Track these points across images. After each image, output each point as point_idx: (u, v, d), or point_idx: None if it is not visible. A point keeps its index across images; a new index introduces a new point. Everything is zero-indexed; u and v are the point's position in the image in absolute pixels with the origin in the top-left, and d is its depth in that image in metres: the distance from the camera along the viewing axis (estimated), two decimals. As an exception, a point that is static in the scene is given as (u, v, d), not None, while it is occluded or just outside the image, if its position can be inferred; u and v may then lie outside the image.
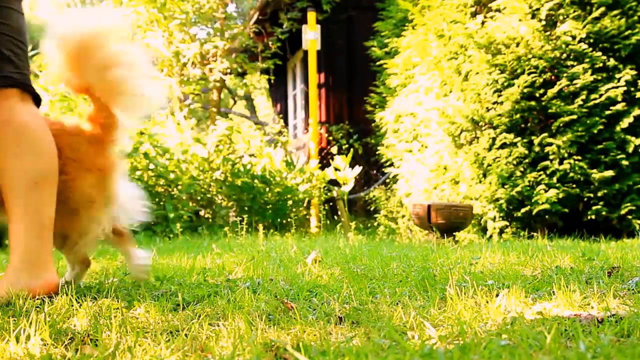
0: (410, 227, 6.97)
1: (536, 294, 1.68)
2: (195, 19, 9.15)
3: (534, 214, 5.05)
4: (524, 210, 5.11)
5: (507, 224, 5.34)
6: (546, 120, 5.21)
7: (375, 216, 7.82)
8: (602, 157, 4.99)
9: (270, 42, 9.75)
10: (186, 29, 8.93)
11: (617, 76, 5.01)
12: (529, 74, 5.15)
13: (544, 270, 2.14)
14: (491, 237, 5.42)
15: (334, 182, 8.06)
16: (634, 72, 5.00)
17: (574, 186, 4.99)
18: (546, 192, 4.99)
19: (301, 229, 6.89)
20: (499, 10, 5.58)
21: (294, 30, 9.68)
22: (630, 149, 4.93)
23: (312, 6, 8.89)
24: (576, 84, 5.02)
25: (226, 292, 1.74)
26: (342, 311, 1.49)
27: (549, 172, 5.04)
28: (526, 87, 5.13)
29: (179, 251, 3.26)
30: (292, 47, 10.63)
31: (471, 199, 5.50)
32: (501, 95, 5.26)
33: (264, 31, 10.11)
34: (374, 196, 7.92)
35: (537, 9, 5.26)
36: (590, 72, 5.03)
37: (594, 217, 5.00)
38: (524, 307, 1.49)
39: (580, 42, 5.10)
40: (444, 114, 5.77)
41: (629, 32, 5.01)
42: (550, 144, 5.05)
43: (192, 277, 2.11)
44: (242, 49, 9.66)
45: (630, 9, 5.10)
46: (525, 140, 5.17)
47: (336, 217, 8.16)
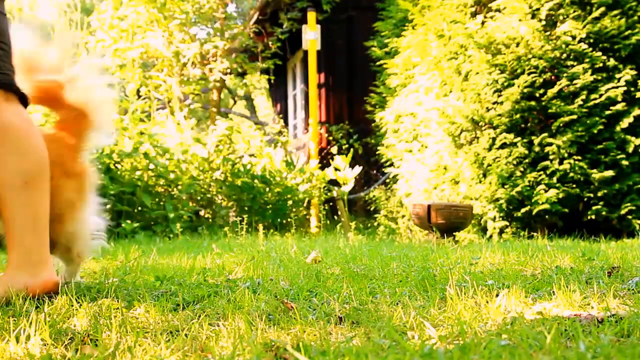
0: (410, 227, 6.97)
1: (536, 294, 1.68)
2: (195, 19, 9.15)
3: (534, 214, 5.05)
4: (524, 210, 5.11)
5: (507, 224, 5.34)
6: (546, 120, 5.21)
7: (375, 216, 7.82)
8: (602, 157, 4.99)
9: (270, 42, 9.75)
10: (186, 29, 8.94)
11: (617, 76, 5.01)
12: (529, 74, 5.15)
13: (544, 270, 2.14)
14: (491, 237, 5.42)
15: (334, 182, 8.06)
16: (634, 72, 5.00)
17: (574, 186, 4.99)
18: (546, 192, 4.99)
19: (301, 229, 6.89)
20: (499, 10, 5.58)
21: (294, 30, 9.68)
22: (630, 149, 4.93)
23: (312, 6, 8.90)
24: (576, 84, 5.02)
25: (226, 292, 1.74)
26: (342, 311, 1.49)
27: (549, 172, 5.04)
28: (526, 87, 5.13)
29: (179, 251, 3.25)
30: (292, 47, 10.63)
31: (471, 199, 5.50)
32: (501, 95, 5.26)
33: (264, 31, 10.11)
34: (374, 196, 7.92)
35: (537, 9, 5.26)
36: (590, 72, 5.03)
37: (594, 217, 5.00)
38: (524, 307, 1.49)
39: (580, 42, 5.10)
40: (444, 114, 5.77)
41: (629, 32, 5.01)
42: (550, 144, 5.05)
43: (192, 277, 2.11)
44: (242, 49, 9.67)
45: (630, 9, 5.10)
46: (525, 140, 5.17)
47: (336, 217, 8.16)
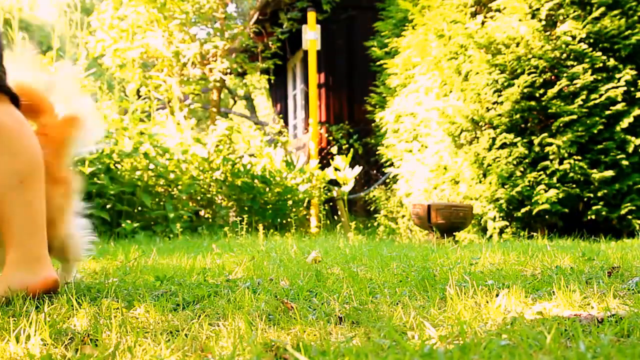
0: (410, 227, 6.97)
1: (536, 294, 1.68)
2: (195, 19, 9.16)
3: (534, 214, 5.05)
4: (524, 210, 5.11)
5: (507, 224, 5.34)
6: (546, 120, 5.21)
7: (375, 216, 7.83)
8: (602, 157, 4.99)
9: (270, 42, 9.76)
10: (186, 29, 8.94)
11: (617, 76, 5.01)
12: (529, 74, 5.15)
13: (544, 270, 2.14)
14: (491, 237, 5.42)
15: (334, 182, 8.06)
16: (634, 72, 5.00)
17: (574, 186, 4.99)
18: (546, 192, 4.99)
19: (301, 229, 6.89)
20: (499, 10, 5.59)
21: (294, 30, 9.69)
22: (630, 149, 4.93)
23: (312, 6, 8.90)
24: (576, 84, 5.02)
25: (226, 292, 1.74)
26: (342, 311, 1.49)
27: (549, 172, 5.04)
28: (526, 87, 5.13)
29: (179, 251, 3.25)
30: (292, 47, 10.63)
31: (471, 199, 5.50)
32: (501, 95, 5.26)
33: (264, 31, 10.11)
34: (374, 196, 7.92)
35: (537, 9, 5.26)
36: (590, 72, 5.03)
37: (594, 217, 5.00)
38: (524, 307, 1.49)
39: (580, 42, 5.10)
40: (444, 114, 5.77)
41: (629, 32, 5.01)
42: (550, 144, 5.05)
43: (192, 277, 2.11)
44: (242, 49, 9.67)
45: (630, 9, 5.10)
46: (525, 140, 5.17)
47: (336, 217, 8.16)
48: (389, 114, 6.95)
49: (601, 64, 5.03)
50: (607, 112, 4.97)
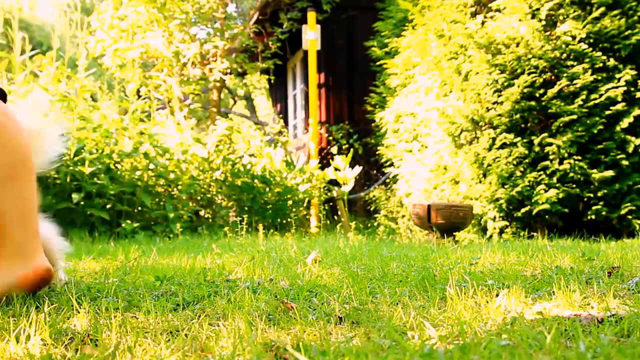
0: (410, 227, 6.97)
1: (536, 294, 1.67)
2: (195, 19, 9.16)
3: (534, 214, 5.05)
4: (524, 210, 5.11)
5: (507, 224, 5.34)
6: (546, 120, 5.21)
7: (375, 216, 7.83)
8: (602, 157, 4.99)
9: (270, 42, 9.76)
10: (186, 29, 8.94)
11: (617, 76, 5.01)
12: (529, 74, 5.16)
13: (544, 270, 2.14)
14: (491, 237, 5.42)
15: (334, 182, 8.07)
16: (634, 72, 5.00)
17: (574, 186, 4.99)
18: (546, 192, 4.99)
19: (301, 229, 6.89)
20: (499, 10, 5.59)
21: (294, 30, 9.69)
22: (630, 149, 4.93)
23: (312, 6, 8.90)
24: (576, 84, 5.03)
25: (226, 292, 1.74)
26: (342, 311, 1.49)
27: (549, 172, 5.04)
28: (526, 87, 5.14)
29: (179, 251, 3.25)
30: (292, 47, 10.63)
31: (471, 199, 5.50)
32: (501, 95, 5.26)
33: (264, 31, 10.11)
34: (374, 196, 7.92)
35: (537, 9, 5.26)
36: (590, 72, 5.03)
37: (594, 217, 5.00)
38: (524, 307, 1.49)
39: (580, 42, 5.10)
40: (444, 114, 5.77)
41: (629, 32, 5.02)
42: (550, 144, 5.05)
43: (192, 277, 2.11)
44: (242, 49, 9.67)
45: (630, 9, 5.10)
46: (525, 140, 5.17)
47: (336, 217, 8.16)
48: (389, 114, 6.95)
49: (601, 64, 5.03)
50: (607, 112, 4.97)
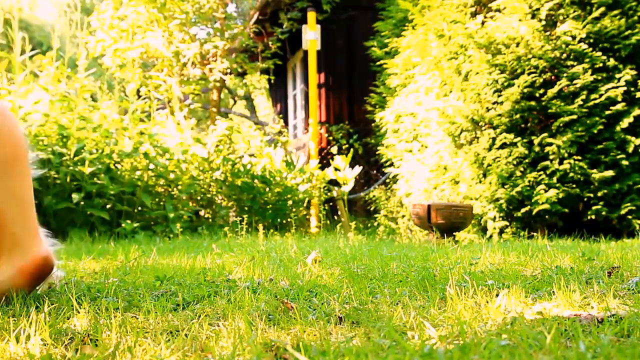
0: (410, 227, 6.97)
1: (536, 294, 1.67)
2: (195, 19, 9.16)
3: (534, 214, 5.05)
4: (524, 210, 5.11)
5: (507, 224, 5.34)
6: (546, 120, 5.21)
7: (375, 216, 7.83)
8: (602, 157, 4.99)
9: (270, 42, 9.76)
10: (186, 29, 8.94)
11: (617, 76, 5.01)
12: (529, 74, 5.16)
13: (544, 270, 2.14)
14: (491, 237, 5.42)
15: (334, 182, 8.07)
16: (634, 72, 5.00)
17: (574, 186, 4.99)
18: (546, 192, 4.99)
19: (301, 229, 6.89)
20: (499, 10, 5.59)
21: (294, 30, 9.69)
22: (630, 149, 4.93)
23: (312, 6, 8.90)
24: (576, 84, 5.03)
25: (226, 292, 1.74)
26: (342, 311, 1.48)
27: (549, 172, 5.04)
28: (526, 87, 5.14)
29: (179, 251, 3.25)
30: (292, 47, 10.63)
31: (471, 199, 5.50)
32: (501, 95, 5.26)
33: (264, 31, 10.11)
34: (374, 196, 7.92)
35: (537, 9, 5.26)
36: (590, 72, 5.03)
37: (594, 217, 5.00)
38: (524, 307, 1.49)
39: (580, 42, 5.10)
40: (444, 114, 5.77)
41: (629, 32, 5.01)
42: (550, 144, 5.05)
43: (192, 277, 2.11)
44: (242, 49, 9.67)
45: (630, 9, 5.10)
46: (525, 140, 5.17)
47: (336, 217, 8.16)
48: (389, 114, 6.95)
49: (601, 64, 5.03)
50: (607, 112, 4.97)
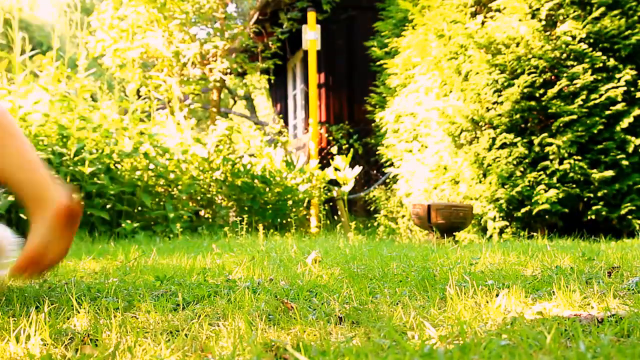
0: (410, 227, 6.97)
1: (536, 294, 1.67)
2: (195, 19, 9.16)
3: (534, 214, 5.05)
4: (524, 210, 5.11)
5: (507, 224, 5.34)
6: (546, 120, 5.21)
7: (375, 216, 7.83)
8: (602, 157, 4.99)
9: (270, 42, 9.76)
10: (186, 29, 8.94)
11: (617, 76, 5.01)
12: (529, 74, 5.16)
13: (544, 270, 2.14)
14: (491, 237, 5.42)
15: (334, 182, 8.06)
16: (634, 72, 5.00)
17: (574, 186, 4.99)
18: (546, 192, 4.99)
19: (301, 229, 6.89)
20: (499, 10, 5.59)
21: (294, 30, 9.69)
22: (630, 149, 4.93)
23: (312, 6, 8.90)
24: (576, 84, 5.03)
25: (226, 292, 1.74)
26: (342, 311, 1.48)
27: (549, 172, 5.04)
28: (526, 87, 5.14)
29: (179, 251, 3.25)
30: (292, 47, 10.63)
31: (471, 199, 5.50)
32: (501, 95, 5.26)
33: (264, 31, 10.11)
34: (374, 196, 7.92)
35: (537, 9, 5.26)
36: (590, 72, 5.03)
37: (594, 217, 5.00)
38: (524, 307, 1.49)
39: (580, 42, 5.10)
40: (444, 114, 5.77)
41: (629, 32, 5.02)
42: (550, 144, 5.05)
43: (192, 277, 2.11)
44: (242, 49, 9.67)
45: (630, 9, 5.10)
46: (525, 140, 5.17)
47: (336, 217, 8.16)
48: (389, 114, 6.95)
49: (601, 64, 5.03)
50: (607, 112, 4.97)
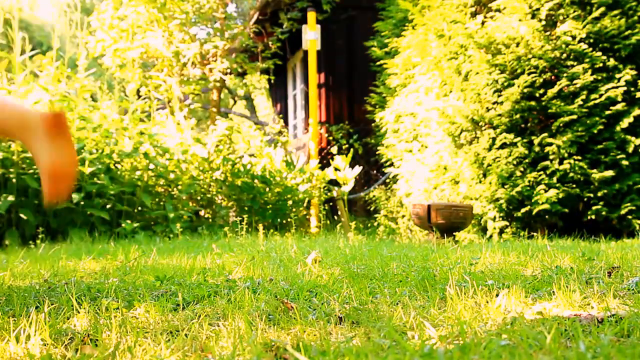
0: (410, 227, 6.97)
1: (536, 294, 1.67)
2: (195, 19, 9.16)
3: (534, 214, 5.05)
4: (524, 210, 5.11)
5: (507, 224, 5.34)
6: (546, 120, 5.21)
7: (375, 216, 7.83)
8: (602, 157, 4.99)
9: (270, 42, 9.76)
10: (186, 29, 8.94)
11: (617, 76, 5.01)
12: (529, 74, 5.15)
13: (544, 270, 2.14)
14: (491, 237, 5.42)
15: (334, 182, 8.06)
16: (634, 72, 5.00)
17: (574, 186, 4.99)
18: (546, 192, 4.99)
19: (301, 229, 6.89)
20: (499, 10, 5.59)
21: (294, 30, 9.69)
22: (630, 149, 4.93)
23: (312, 6, 8.90)
24: (576, 84, 5.02)
25: (226, 292, 1.74)
26: (342, 311, 1.48)
27: (549, 172, 5.04)
28: (526, 87, 5.13)
29: (179, 251, 3.25)
30: (292, 47, 10.63)
31: (471, 199, 5.50)
32: (501, 95, 5.26)
33: (264, 31, 10.11)
34: (374, 196, 7.92)
35: (537, 9, 5.26)
36: (590, 72, 5.03)
37: (594, 217, 5.00)
38: (524, 307, 1.49)
39: (580, 42, 5.10)
40: (444, 114, 5.77)
41: (629, 32, 5.01)
42: (550, 144, 5.05)
43: (192, 277, 2.11)
44: (242, 49, 9.67)
45: (630, 9, 5.10)
46: (525, 140, 5.17)
47: (336, 217, 8.16)
48: (389, 114, 6.95)
49: (601, 64, 5.03)
50: (607, 112, 4.97)
